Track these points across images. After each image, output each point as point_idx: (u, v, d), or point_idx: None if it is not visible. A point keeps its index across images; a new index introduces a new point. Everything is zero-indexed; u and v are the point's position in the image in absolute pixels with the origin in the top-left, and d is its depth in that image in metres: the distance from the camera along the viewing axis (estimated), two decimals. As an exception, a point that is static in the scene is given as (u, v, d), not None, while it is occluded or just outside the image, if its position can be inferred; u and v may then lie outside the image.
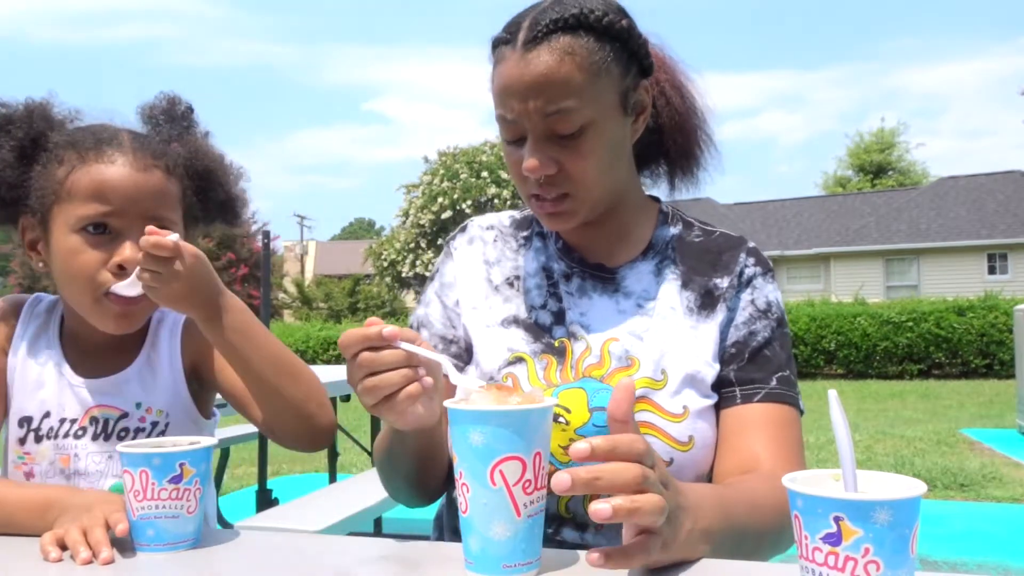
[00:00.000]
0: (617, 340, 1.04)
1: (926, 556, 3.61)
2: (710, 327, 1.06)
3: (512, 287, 1.13)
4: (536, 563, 0.74)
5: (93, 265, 1.01)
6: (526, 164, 0.99)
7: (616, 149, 1.04)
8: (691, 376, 1.02)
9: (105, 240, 1.01)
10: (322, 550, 0.87)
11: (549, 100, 0.96)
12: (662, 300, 1.08)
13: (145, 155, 1.04)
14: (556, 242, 1.15)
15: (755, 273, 1.10)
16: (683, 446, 0.98)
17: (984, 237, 22.41)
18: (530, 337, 1.07)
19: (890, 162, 37.69)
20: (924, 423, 7.89)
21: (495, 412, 0.71)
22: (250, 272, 26.83)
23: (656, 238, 1.13)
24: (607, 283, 1.10)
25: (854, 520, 0.58)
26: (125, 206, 1.01)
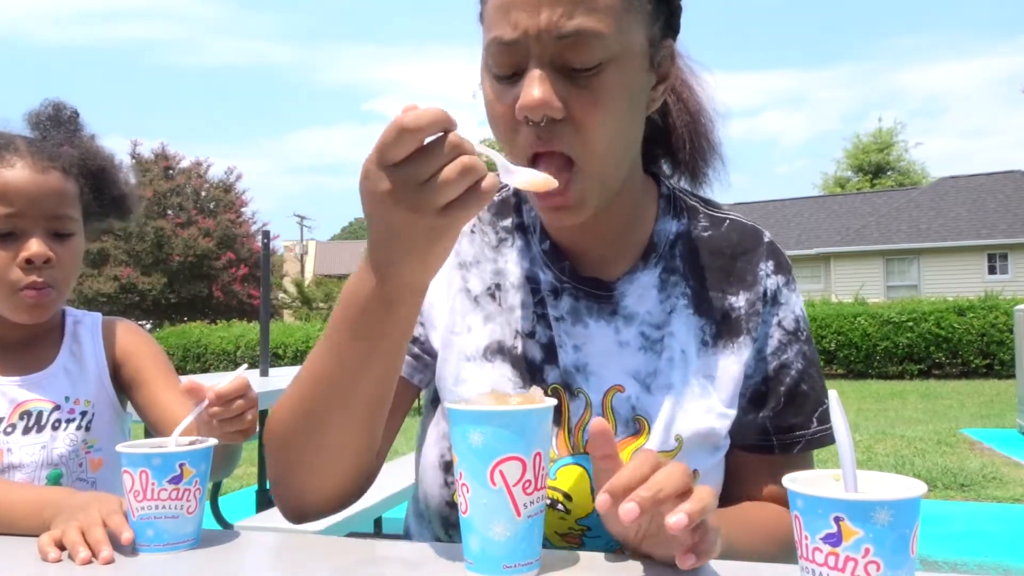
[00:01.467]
0: (623, 390, 0.89)
1: (926, 556, 3.61)
2: (729, 363, 0.90)
3: (494, 299, 0.94)
4: (536, 563, 0.74)
5: (3, 264, 1.07)
6: (529, 99, 0.76)
7: (635, 112, 0.83)
8: (704, 435, 0.88)
9: (10, 240, 1.07)
10: (322, 550, 0.87)
11: (568, 13, 0.75)
12: (673, 334, 0.90)
13: (42, 157, 1.09)
14: (541, 242, 0.95)
15: (778, 285, 0.94)
16: None
17: (984, 237, 22.41)
18: (518, 378, 0.90)
19: (889, 162, 37.70)
20: (924, 423, 7.89)
21: (495, 412, 0.71)
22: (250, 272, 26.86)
23: (657, 235, 0.94)
24: (603, 303, 0.92)
25: (854, 520, 0.58)
26: (27, 207, 1.06)
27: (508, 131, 0.82)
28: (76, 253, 1.14)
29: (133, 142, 27.07)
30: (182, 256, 25.39)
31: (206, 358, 19.19)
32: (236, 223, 28.06)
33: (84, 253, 1.18)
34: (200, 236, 26.16)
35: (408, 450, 6.94)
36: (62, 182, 1.10)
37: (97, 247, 24.61)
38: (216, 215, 26.67)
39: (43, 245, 1.06)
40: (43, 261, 1.06)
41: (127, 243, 24.85)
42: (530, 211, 0.97)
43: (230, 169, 27.94)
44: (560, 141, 0.79)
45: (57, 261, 1.09)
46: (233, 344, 18.94)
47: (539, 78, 0.77)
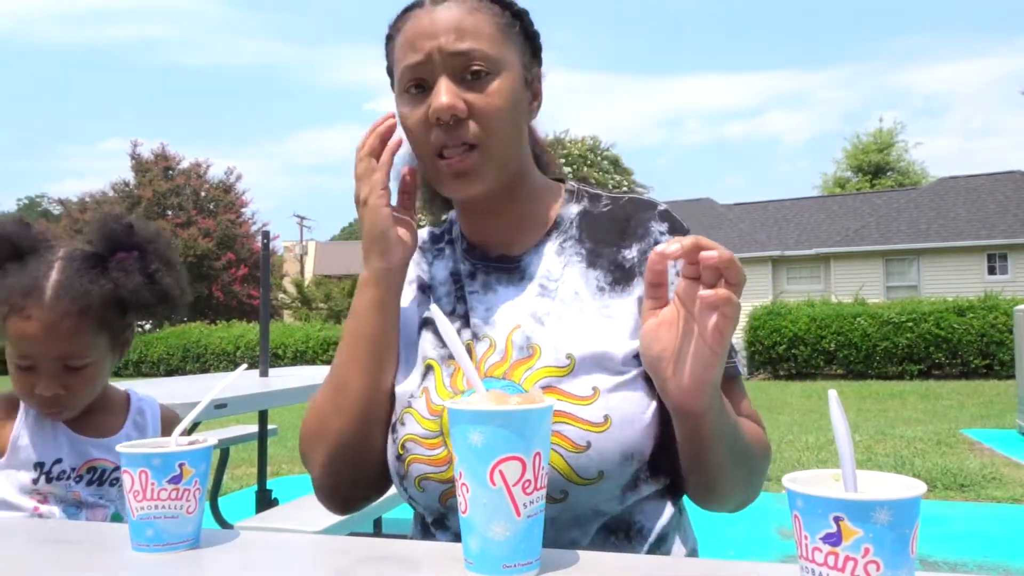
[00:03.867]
0: (519, 327, 1.03)
1: (926, 556, 3.61)
2: (626, 303, 1.03)
3: (424, 293, 1.15)
4: (536, 563, 0.74)
5: (20, 389, 1.28)
6: (436, 104, 0.98)
7: (519, 112, 1.05)
8: (599, 356, 0.99)
9: (29, 372, 1.26)
10: (322, 550, 0.87)
11: (460, 37, 0.99)
12: (565, 283, 1.06)
13: (60, 304, 1.23)
14: (461, 243, 1.15)
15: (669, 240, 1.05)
16: (599, 427, 0.95)
17: (984, 237, 22.41)
18: (438, 341, 1.07)
19: (889, 162, 37.72)
20: (924, 423, 7.89)
21: (495, 412, 0.71)
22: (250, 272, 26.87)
23: (560, 217, 1.12)
24: (512, 272, 1.09)
25: (854, 520, 0.58)
26: (39, 355, 1.24)
27: (422, 134, 1.02)
28: (90, 379, 1.29)
29: (133, 142, 27.17)
30: (182, 256, 25.27)
31: (206, 358, 19.20)
32: (236, 223, 28.08)
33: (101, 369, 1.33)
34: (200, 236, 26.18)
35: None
36: (74, 327, 1.24)
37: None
38: (216, 215, 26.68)
39: (51, 385, 1.24)
40: (50, 396, 1.24)
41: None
42: (456, 229, 1.18)
43: (230, 169, 28.01)
44: (464, 133, 1.00)
45: (67, 389, 1.26)
46: (233, 344, 18.95)
47: (445, 86, 0.99)
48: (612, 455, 0.95)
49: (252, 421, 4.30)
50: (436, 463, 0.99)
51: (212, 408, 1.29)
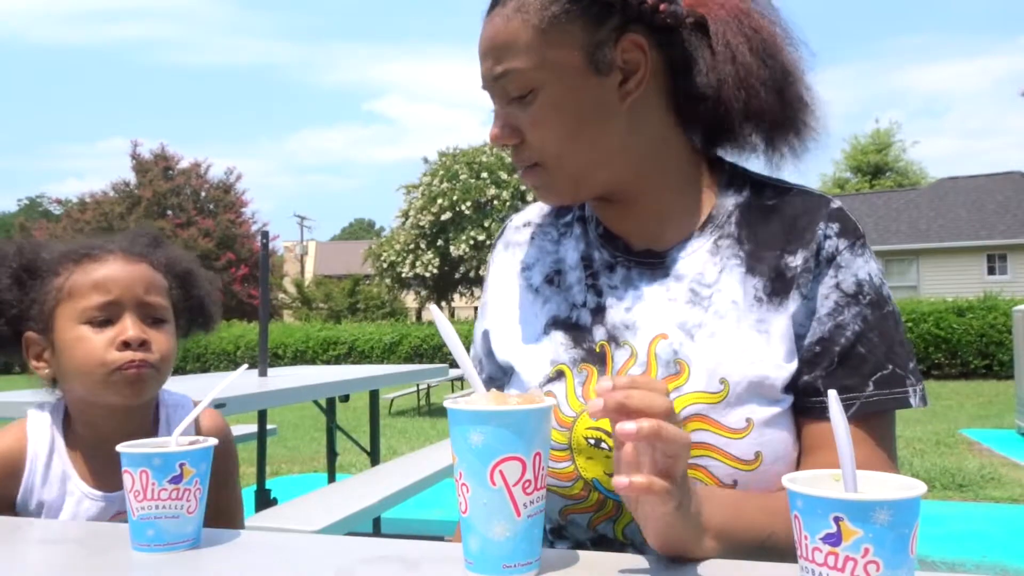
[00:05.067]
0: (666, 337, 0.93)
1: (925, 556, 3.61)
2: (782, 319, 0.91)
3: (552, 284, 1.04)
4: (536, 563, 0.74)
5: (101, 347, 1.11)
6: (490, 134, 0.97)
7: (586, 114, 0.92)
8: (757, 383, 0.88)
9: (107, 327, 1.12)
10: (321, 550, 0.87)
11: (496, 62, 0.92)
12: (722, 290, 0.93)
13: (132, 253, 1.18)
14: (597, 227, 1.04)
15: (838, 247, 0.93)
16: (749, 465, 0.86)
17: (983, 238, 22.42)
18: (569, 341, 0.98)
19: (887, 163, 37.70)
20: (923, 424, 7.89)
21: (495, 412, 0.71)
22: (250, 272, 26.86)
23: (717, 208, 0.99)
24: (656, 269, 0.98)
25: (854, 520, 0.58)
26: (122, 293, 1.13)
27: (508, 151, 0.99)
28: (170, 339, 1.18)
29: (133, 142, 27.15)
30: (181, 256, 25.38)
31: (206, 358, 19.18)
32: (236, 223, 28.04)
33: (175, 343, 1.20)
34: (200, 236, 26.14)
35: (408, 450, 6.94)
36: (151, 273, 1.18)
37: (96, 247, 24.57)
38: (216, 215, 26.67)
39: (138, 327, 1.12)
40: (139, 344, 1.11)
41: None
42: (588, 206, 1.08)
43: (230, 169, 27.99)
44: (522, 157, 0.97)
45: (152, 343, 1.14)
46: (233, 344, 18.92)
47: (496, 115, 0.96)
48: None
49: (252, 421, 4.30)
50: (561, 477, 0.92)
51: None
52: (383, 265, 23.82)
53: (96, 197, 26.08)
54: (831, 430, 0.86)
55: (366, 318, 24.97)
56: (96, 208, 25.33)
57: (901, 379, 0.90)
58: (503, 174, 21.58)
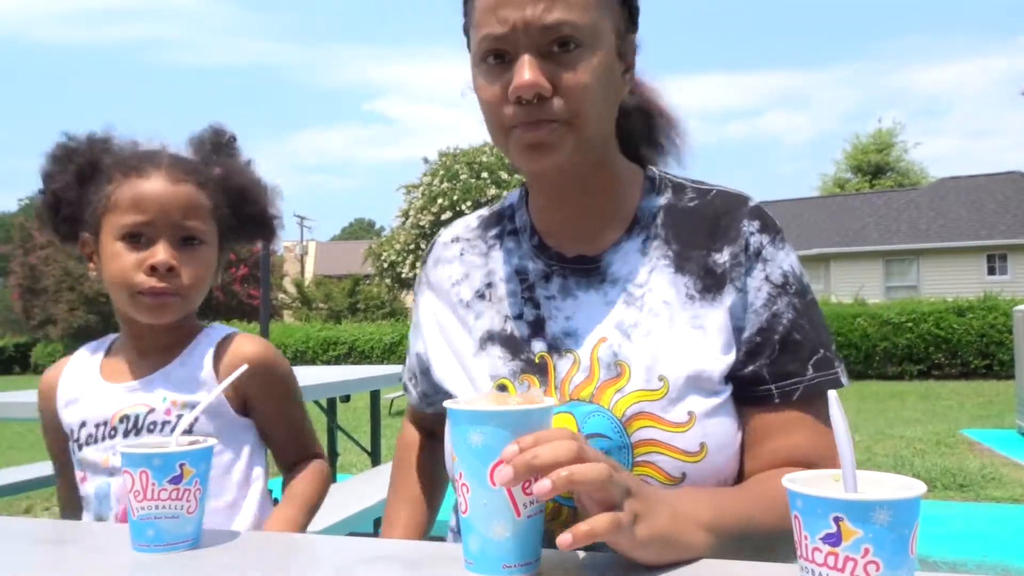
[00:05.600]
0: (605, 340, 0.95)
1: (926, 556, 3.61)
2: (717, 314, 0.94)
3: (484, 298, 1.05)
4: (536, 563, 0.74)
5: (130, 267, 1.13)
6: (521, 80, 0.87)
7: (611, 89, 0.94)
8: (694, 377, 0.91)
9: (141, 246, 1.14)
10: (322, 550, 0.87)
11: (550, 9, 0.87)
12: (653, 290, 0.96)
13: (177, 171, 1.17)
14: (531, 238, 1.05)
15: (762, 242, 0.97)
16: (694, 456, 0.89)
17: (984, 238, 22.42)
18: (507, 353, 0.99)
19: (888, 163, 37.70)
20: (924, 424, 7.89)
21: (494, 412, 0.71)
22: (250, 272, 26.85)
23: (642, 210, 1.02)
24: (591, 275, 1.00)
25: (854, 520, 0.58)
26: (157, 215, 1.14)
27: (497, 112, 0.93)
28: (203, 262, 1.18)
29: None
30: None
31: (206, 358, 19.14)
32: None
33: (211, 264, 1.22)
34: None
35: (408, 450, 6.94)
36: (194, 194, 1.17)
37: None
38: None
39: (168, 252, 1.13)
40: (166, 269, 1.12)
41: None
42: (522, 216, 1.08)
43: (230, 169, 27.88)
44: (548, 113, 0.90)
45: (181, 268, 1.14)
46: (233, 344, 18.88)
47: (528, 63, 0.88)
48: (707, 484, 0.90)
49: (252, 421, 4.28)
50: None
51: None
52: (383, 265, 23.83)
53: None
54: (781, 417, 0.93)
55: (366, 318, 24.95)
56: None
57: (831, 361, 0.96)
58: (503, 174, 21.57)
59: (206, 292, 1.21)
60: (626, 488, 0.72)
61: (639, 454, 0.89)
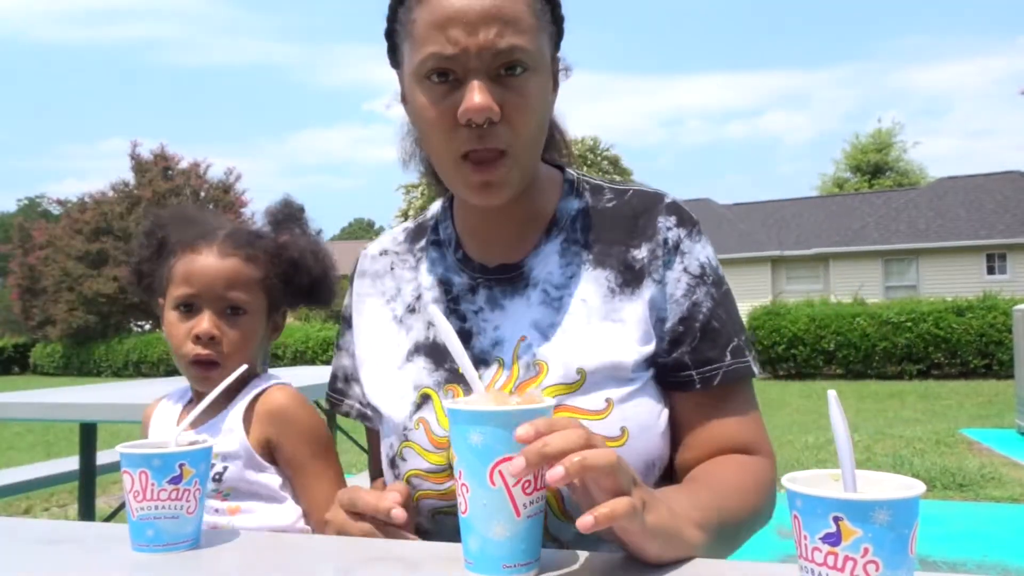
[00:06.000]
0: (525, 338, 0.98)
1: (925, 556, 3.61)
2: (636, 306, 0.98)
3: (414, 312, 1.07)
4: (535, 563, 0.74)
5: (181, 335, 1.22)
6: (472, 104, 0.87)
7: (547, 110, 0.97)
8: (611, 367, 0.94)
9: (190, 315, 1.22)
10: (322, 550, 0.87)
11: (500, 33, 0.87)
12: (572, 291, 0.99)
13: (228, 246, 1.25)
14: (456, 251, 1.07)
15: (680, 236, 1.01)
16: (616, 441, 0.92)
17: (983, 237, 22.42)
18: (431, 364, 1.01)
19: (887, 162, 37.72)
20: (923, 423, 7.89)
21: (494, 412, 0.71)
22: (249, 272, 26.80)
23: (560, 212, 1.04)
24: (515, 282, 1.02)
25: (853, 520, 0.58)
26: (203, 288, 1.21)
27: (445, 133, 0.92)
28: (245, 330, 1.24)
29: (133, 143, 27.04)
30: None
31: (205, 358, 19.15)
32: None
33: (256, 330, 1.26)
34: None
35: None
36: (240, 266, 1.24)
37: (96, 248, 24.59)
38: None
39: (211, 322, 1.20)
40: (208, 338, 1.19)
41: (126, 244, 24.82)
42: (446, 229, 1.10)
43: (229, 170, 27.90)
44: (496, 138, 0.90)
45: (223, 337, 1.21)
46: (232, 344, 18.89)
47: (479, 88, 0.88)
48: (634, 467, 0.89)
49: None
50: (448, 497, 0.95)
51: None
52: (383, 265, 23.76)
53: (95, 197, 26.06)
54: (703, 401, 0.97)
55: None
56: (96, 208, 25.29)
57: (744, 350, 1.00)
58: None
59: (252, 356, 1.26)
60: (632, 477, 0.73)
61: None
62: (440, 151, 0.94)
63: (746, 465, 0.96)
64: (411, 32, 0.92)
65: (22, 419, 2.62)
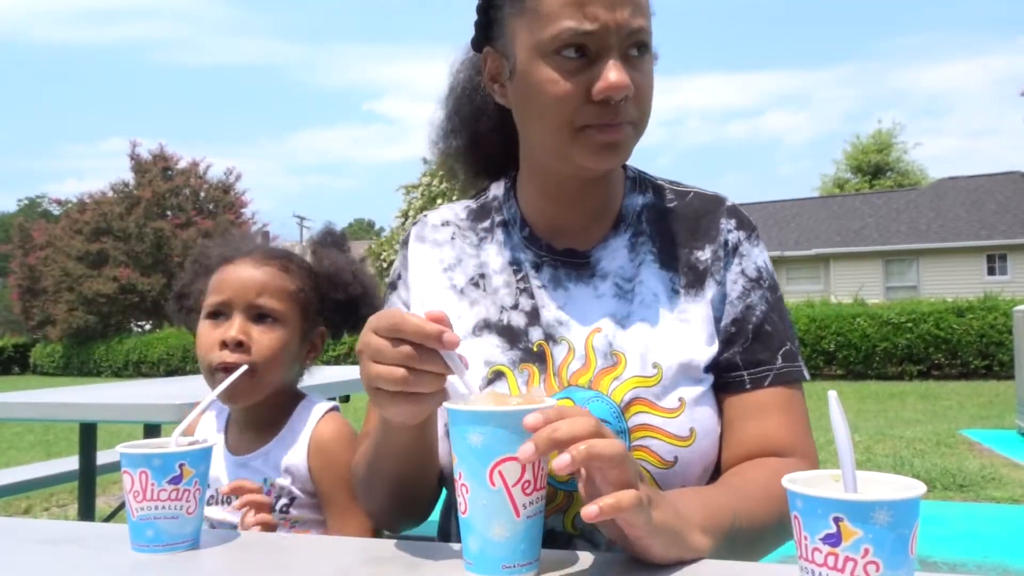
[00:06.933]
0: (600, 331, 0.98)
1: (926, 557, 3.61)
2: (700, 307, 1.00)
3: (478, 287, 1.06)
4: (535, 564, 0.74)
5: (209, 342, 1.21)
6: (614, 81, 0.88)
7: None
8: (684, 365, 0.96)
9: (220, 323, 1.21)
10: (322, 550, 0.87)
11: (633, 15, 0.90)
12: (644, 284, 1.01)
13: (262, 255, 1.26)
14: (522, 230, 1.07)
15: (739, 239, 1.04)
16: (685, 441, 0.93)
17: (983, 238, 22.43)
18: (505, 343, 1.00)
19: (888, 163, 37.72)
20: (923, 424, 7.89)
21: (494, 413, 0.71)
22: (250, 273, 26.77)
23: (625, 208, 1.06)
24: (581, 269, 1.03)
25: (854, 521, 0.58)
26: (233, 294, 1.21)
27: (571, 108, 0.91)
28: (275, 339, 1.22)
29: (132, 142, 27.02)
30: (181, 257, 25.32)
31: (205, 358, 19.16)
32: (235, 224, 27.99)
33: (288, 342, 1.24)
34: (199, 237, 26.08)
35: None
36: (274, 274, 1.24)
37: (96, 248, 24.59)
38: (215, 216, 26.64)
39: (239, 328, 1.18)
40: (235, 344, 1.17)
41: (126, 244, 24.83)
42: (510, 208, 1.10)
43: (229, 170, 27.91)
44: (627, 113, 0.93)
45: (251, 344, 1.19)
46: (232, 344, 18.90)
47: (618, 65, 0.90)
48: (695, 469, 0.94)
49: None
50: None
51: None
52: (383, 265, 23.81)
53: (95, 197, 26.05)
54: (752, 402, 0.97)
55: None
56: (95, 209, 25.28)
57: (796, 355, 1.02)
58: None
59: (283, 372, 1.24)
60: (639, 472, 0.73)
61: (635, 438, 0.92)
62: (559, 124, 0.93)
63: (781, 470, 0.93)
64: (535, 7, 0.92)
65: (22, 419, 2.62)
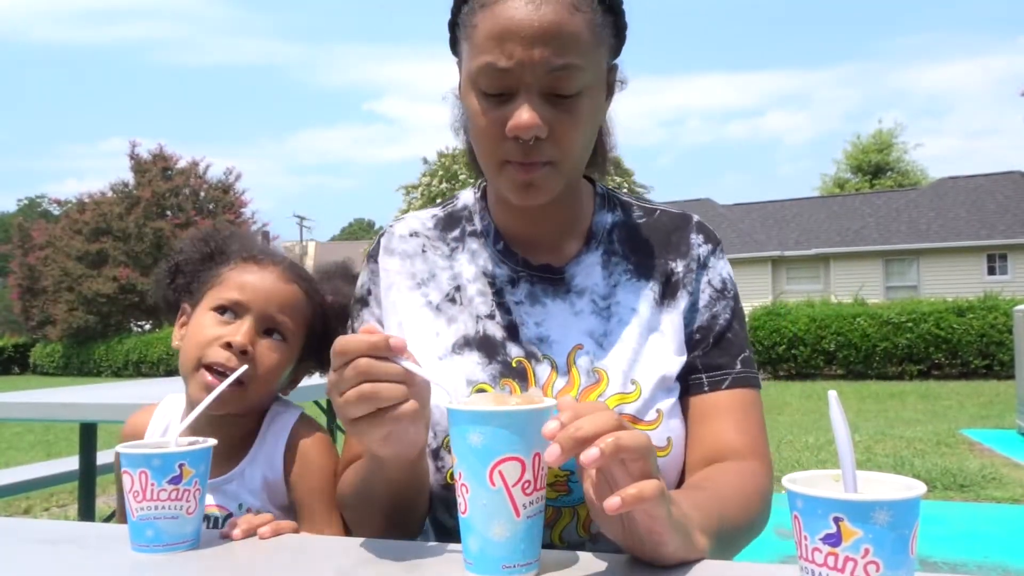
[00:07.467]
0: (581, 347, 1.00)
1: (926, 556, 3.61)
2: (673, 317, 1.03)
3: (455, 303, 1.04)
4: (535, 563, 0.74)
5: (209, 336, 1.13)
6: (520, 120, 0.87)
7: (595, 125, 0.97)
8: (661, 379, 0.98)
9: (227, 321, 1.15)
10: (322, 550, 0.87)
11: (557, 52, 0.86)
12: (621, 304, 1.02)
13: (292, 273, 1.22)
14: (496, 243, 1.06)
15: (707, 252, 1.07)
16: (663, 451, 0.95)
17: (984, 238, 22.42)
18: (484, 358, 1.00)
19: (888, 163, 37.72)
20: (924, 424, 7.89)
21: (494, 413, 0.71)
22: (250, 273, 26.77)
23: (596, 225, 1.07)
24: (557, 285, 1.04)
25: (854, 521, 0.58)
26: (254, 299, 1.16)
27: (491, 142, 0.92)
28: (278, 357, 1.16)
29: (132, 143, 27.01)
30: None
31: (205, 358, 19.18)
32: (235, 224, 27.99)
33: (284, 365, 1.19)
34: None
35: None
36: (297, 295, 1.20)
37: (96, 248, 24.59)
38: (215, 216, 26.64)
39: (248, 336, 1.12)
40: (240, 351, 1.11)
41: (126, 244, 24.83)
42: (483, 219, 1.09)
43: (229, 169, 27.90)
44: (540, 153, 0.91)
45: (255, 355, 1.13)
46: (232, 344, 18.92)
47: (530, 104, 0.88)
48: (672, 476, 0.97)
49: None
50: None
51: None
52: (383, 265, 23.77)
53: (95, 197, 26.05)
54: (709, 404, 1.00)
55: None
56: (95, 209, 25.27)
57: (753, 363, 1.06)
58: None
59: (270, 392, 1.19)
60: (658, 466, 0.73)
61: None
62: (485, 155, 0.95)
63: (745, 473, 0.96)
64: (470, 36, 0.92)
65: (22, 419, 2.62)
